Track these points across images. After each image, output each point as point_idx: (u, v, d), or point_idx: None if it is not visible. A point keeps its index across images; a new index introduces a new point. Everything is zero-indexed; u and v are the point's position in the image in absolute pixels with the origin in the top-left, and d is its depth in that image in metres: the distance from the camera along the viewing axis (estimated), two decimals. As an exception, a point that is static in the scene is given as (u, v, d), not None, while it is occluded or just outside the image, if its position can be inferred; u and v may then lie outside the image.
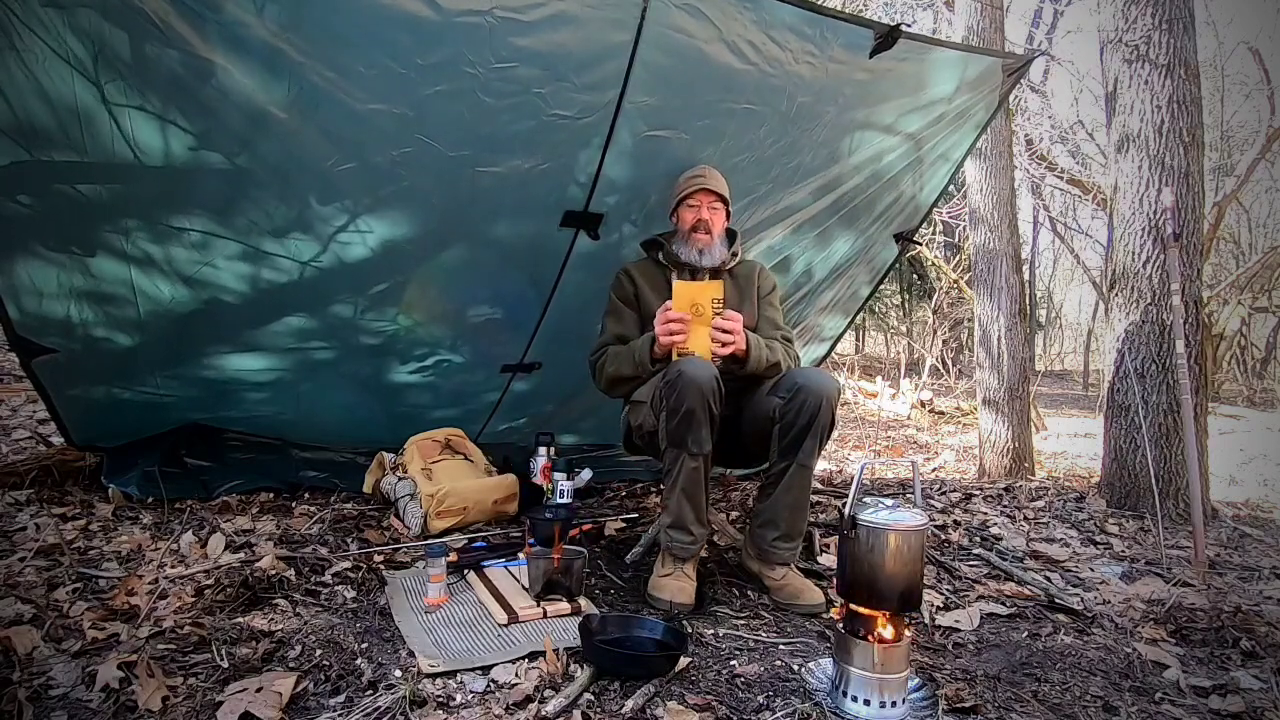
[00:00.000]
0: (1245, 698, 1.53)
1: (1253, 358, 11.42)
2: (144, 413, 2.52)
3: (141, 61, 1.68)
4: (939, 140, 2.84)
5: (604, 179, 2.31)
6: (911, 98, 2.55)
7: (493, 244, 2.41)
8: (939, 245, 9.59)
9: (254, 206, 2.06)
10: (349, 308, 2.44)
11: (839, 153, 2.63)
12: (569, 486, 2.68)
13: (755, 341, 2.03)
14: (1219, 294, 7.89)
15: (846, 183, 2.77)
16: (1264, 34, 12.15)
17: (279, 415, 2.74)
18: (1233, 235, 11.04)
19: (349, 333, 2.52)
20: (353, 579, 1.92)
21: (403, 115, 1.94)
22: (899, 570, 1.40)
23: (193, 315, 2.25)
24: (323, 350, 2.55)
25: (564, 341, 2.76)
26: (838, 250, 3.13)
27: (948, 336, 10.35)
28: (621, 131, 2.18)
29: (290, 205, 2.09)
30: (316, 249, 2.21)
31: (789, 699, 1.44)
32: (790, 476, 1.92)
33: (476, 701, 1.37)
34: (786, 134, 2.43)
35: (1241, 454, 5.72)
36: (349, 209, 2.15)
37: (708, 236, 2.19)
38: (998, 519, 2.84)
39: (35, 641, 1.43)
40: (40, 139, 1.75)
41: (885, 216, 3.08)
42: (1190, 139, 2.96)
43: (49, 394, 2.27)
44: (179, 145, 1.86)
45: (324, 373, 2.63)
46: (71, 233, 1.97)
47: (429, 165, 2.07)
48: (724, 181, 2.24)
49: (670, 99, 2.17)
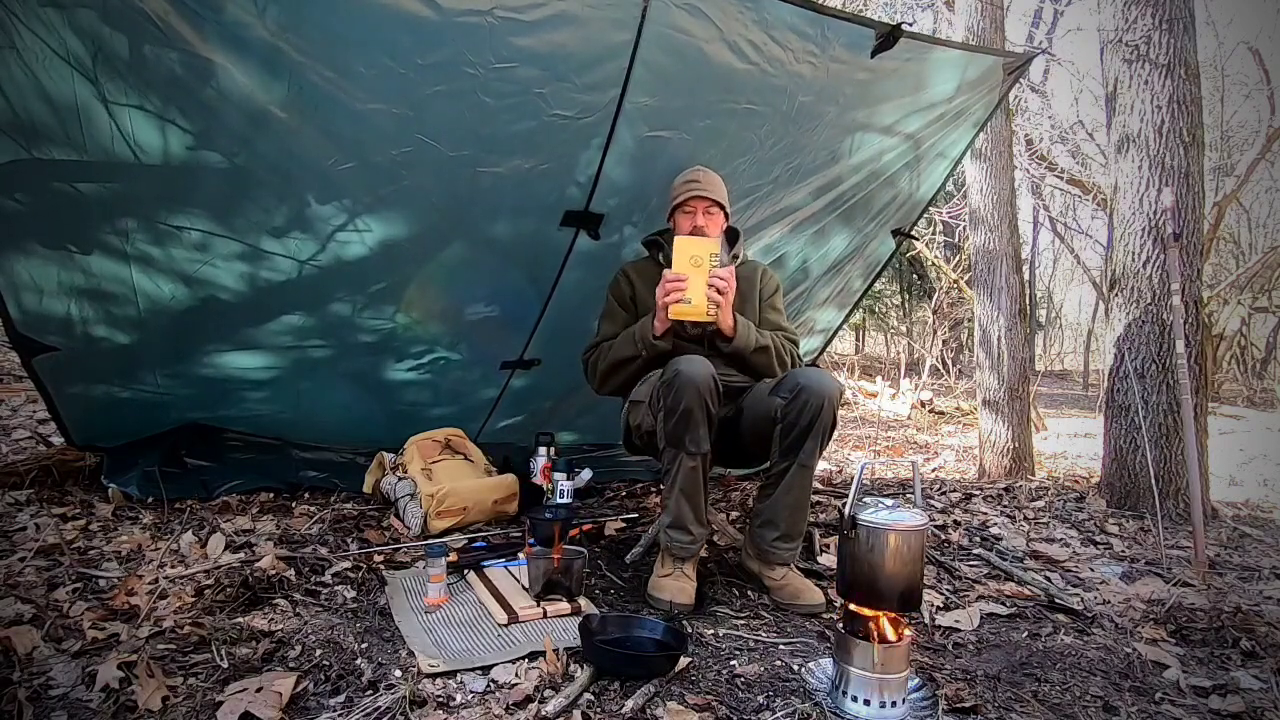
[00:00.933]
0: (1245, 698, 1.53)
1: (1253, 358, 11.43)
2: (144, 412, 2.52)
3: (140, 61, 1.68)
4: (938, 139, 2.84)
5: (604, 179, 2.31)
6: (912, 98, 2.56)
7: (492, 243, 2.41)
8: (939, 245, 9.59)
9: (253, 205, 2.07)
10: (347, 306, 2.45)
11: (839, 153, 2.63)
12: (569, 486, 2.68)
13: (744, 321, 2.05)
14: (1219, 294, 7.89)
15: (845, 182, 2.77)
16: (1264, 34, 12.17)
17: (279, 414, 2.75)
18: (1233, 235, 11.04)
19: (347, 331, 2.52)
20: (353, 579, 1.92)
21: (403, 115, 1.94)
22: (899, 570, 1.40)
23: (191, 313, 2.25)
24: (321, 349, 2.56)
25: (563, 338, 2.77)
26: (835, 248, 3.13)
27: (948, 336, 10.35)
28: (622, 132, 2.18)
29: (289, 204, 2.09)
30: (315, 248, 2.22)
31: (789, 699, 1.44)
32: (791, 476, 1.92)
33: (476, 701, 1.37)
34: (787, 134, 2.43)
35: (1241, 454, 5.72)
36: (348, 208, 2.15)
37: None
38: (998, 519, 2.84)
39: (35, 641, 1.43)
40: (39, 137, 1.75)
41: (883, 215, 3.09)
42: (1190, 139, 2.96)
43: (49, 392, 2.27)
44: (178, 144, 1.86)
45: (322, 371, 2.63)
46: (69, 231, 1.97)
47: (429, 165, 2.08)
48: (720, 183, 2.23)
49: (671, 99, 2.17)
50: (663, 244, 2.26)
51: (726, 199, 2.23)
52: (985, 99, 2.78)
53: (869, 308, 12.50)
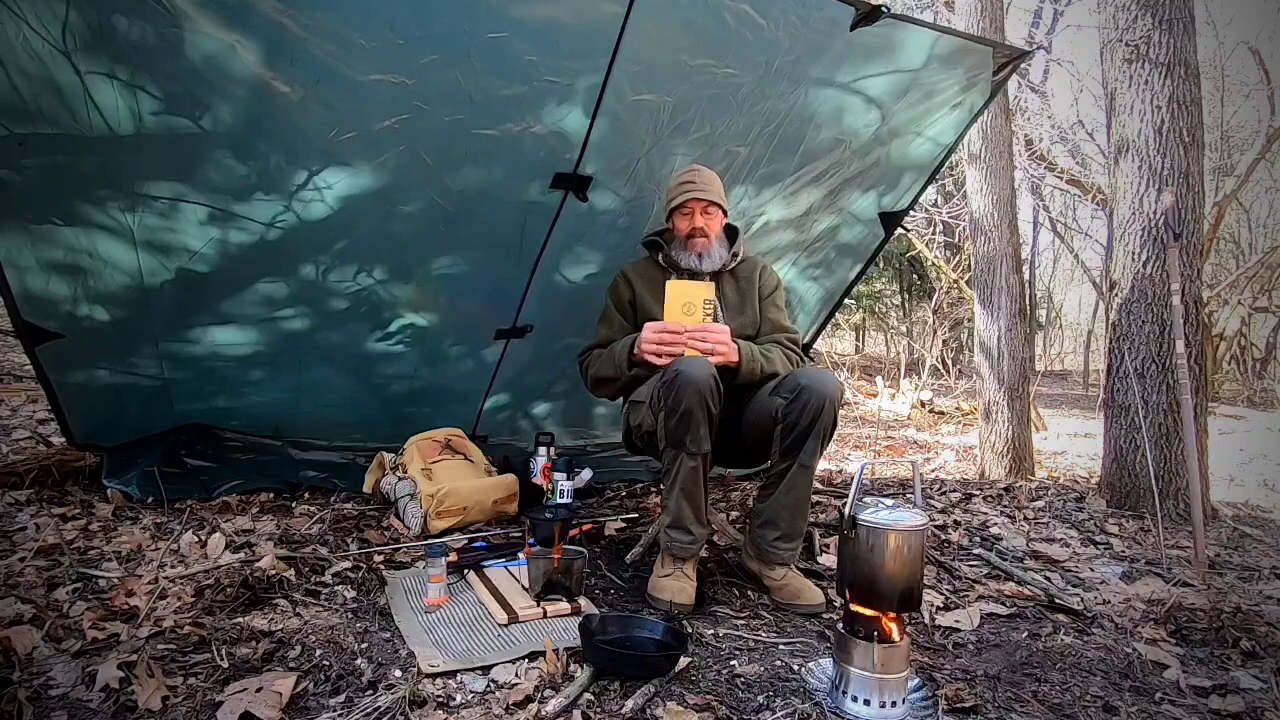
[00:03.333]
0: (1245, 698, 1.53)
1: (1253, 358, 11.41)
2: (144, 404, 2.54)
3: (109, 27, 1.70)
4: (914, 115, 2.78)
5: (593, 143, 2.36)
6: (882, 61, 2.54)
7: (480, 205, 2.46)
8: (939, 245, 9.59)
9: (249, 170, 2.10)
10: (354, 273, 2.50)
11: (810, 113, 2.64)
12: (569, 486, 2.68)
13: (748, 353, 2.02)
14: (1219, 294, 7.89)
15: (816, 142, 2.76)
16: (1264, 34, 12.17)
17: (274, 399, 2.78)
18: (1233, 235, 11.04)
19: (321, 296, 2.54)
20: (353, 579, 1.92)
21: (401, 84, 2.01)
22: (899, 570, 1.40)
23: (166, 286, 2.28)
24: (299, 319, 2.58)
25: (553, 304, 2.85)
26: (811, 215, 3.11)
27: (948, 336, 10.35)
28: (610, 96, 2.24)
29: (287, 171, 2.14)
30: (298, 209, 2.25)
31: (789, 699, 1.44)
32: (792, 476, 1.92)
33: (476, 701, 1.37)
34: (765, 98, 2.47)
35: (1241, 454, 5.72)
36: (336, 174, 2.21)
37: (705, 240, 2.18)
38: (998, 519, 2.84)
39: (35, 641, 1.43)
40: (14, 113, 1.77)
41: (857, 181, 3.02)
42: (1190, 139, 2.96)
43: (51, 384, 2.29)
44: (147, 110, 1.88)
45: (304, 345, 2.65)
46: (49, 206, 2.00)
47: (421, 130, 2.14)
48: (716, 181, 2.23)
49: (657, 66, 2.23)
50: (662, 244, 2.26)
51: (723, 196, 2.23)
52: (978, 89, 2.74)
53: (869, 308, 12.51)
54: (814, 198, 3.02)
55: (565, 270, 2.82)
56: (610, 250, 2.78)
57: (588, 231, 2.68)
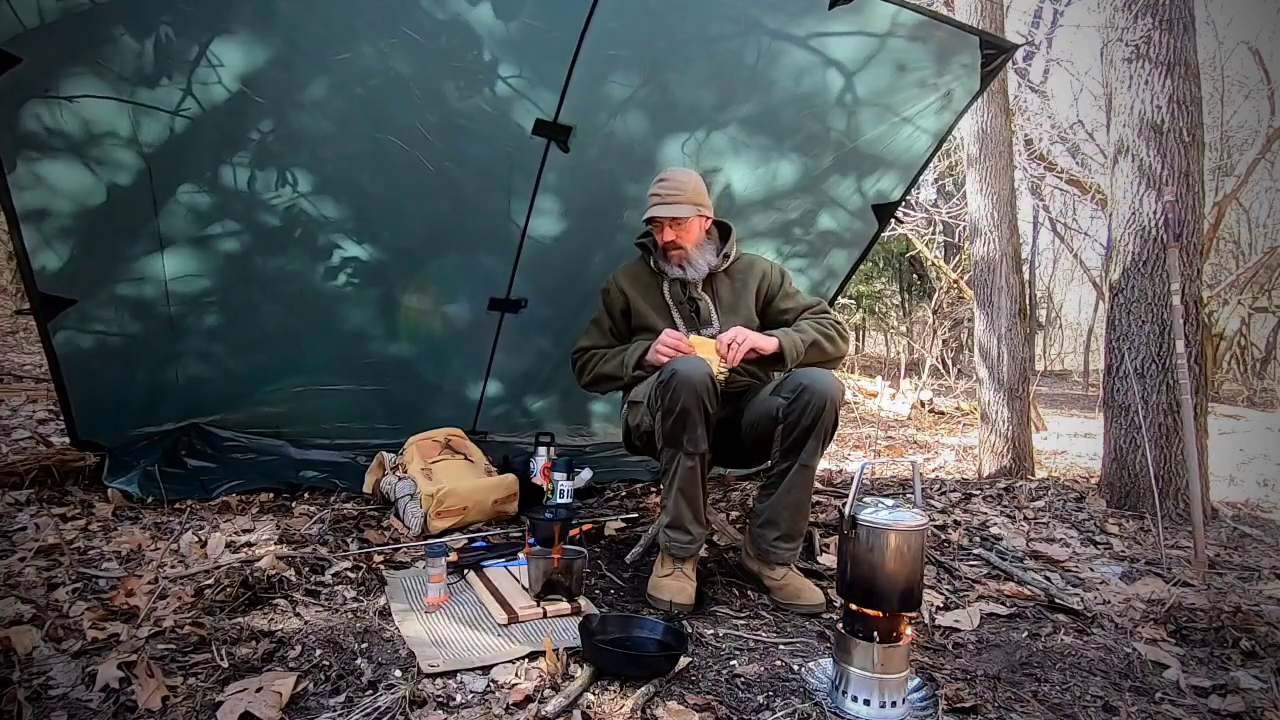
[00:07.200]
0: (1245, 698, 1.53)
1: (1253, 358, 11.41)
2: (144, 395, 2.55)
3: None
4: (887, 89, 2.75)
5: (571, 93, 2.46)
6: (842, 22, 2.53)
7: (467, 160, 2.53)
8: (939, 245, 9.58)
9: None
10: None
11: (773, 71, 2.66)
12: (569, 486, 2.68)
13: (785, 339, 2.02)
14: (1219, 294, 7.89)
15: (776, 99, 2.76)
16: (1264, 34, 12.10)
17: (269, 375, 2.84)
18: (1233, 235, 11.04)
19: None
20: (353, 579, 1.92)
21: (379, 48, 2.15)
22: (899, 570, 1.40)
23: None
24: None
25: (545, 274, 2.93)
26: (789, 196, 3.11)
27: (948, 336, 10.34)
28: (588, 46, 2.34)
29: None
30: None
31: (789, 699, 1.44)
32: (792, 476, 1.92)
33: (476, 701, 1.37)
34: (740, 58, 2.56)
35: (1241, 454, 5.71)
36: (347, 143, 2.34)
37: (681, 252, 2.15)
38: (998, 519, 2.83)
39: (35, 641, 1.43)
40: None
41: (831, 158, 2.99)
42: (1190, 139, 2.96)
43: (56, 358, 2.31)
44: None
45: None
46: None
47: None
48: (688, 186, 2.14)
49: (633, 22, 2.35)
50: (651, 247, 2.25)
51: (700, 197, 2.16)
52: (961, 77, 2.72)
53: (869, 308, 12.50)
54: (786, 172, 3.00)
55: (556, 233, 2.88)
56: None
57: (573, 185, 2.75)
